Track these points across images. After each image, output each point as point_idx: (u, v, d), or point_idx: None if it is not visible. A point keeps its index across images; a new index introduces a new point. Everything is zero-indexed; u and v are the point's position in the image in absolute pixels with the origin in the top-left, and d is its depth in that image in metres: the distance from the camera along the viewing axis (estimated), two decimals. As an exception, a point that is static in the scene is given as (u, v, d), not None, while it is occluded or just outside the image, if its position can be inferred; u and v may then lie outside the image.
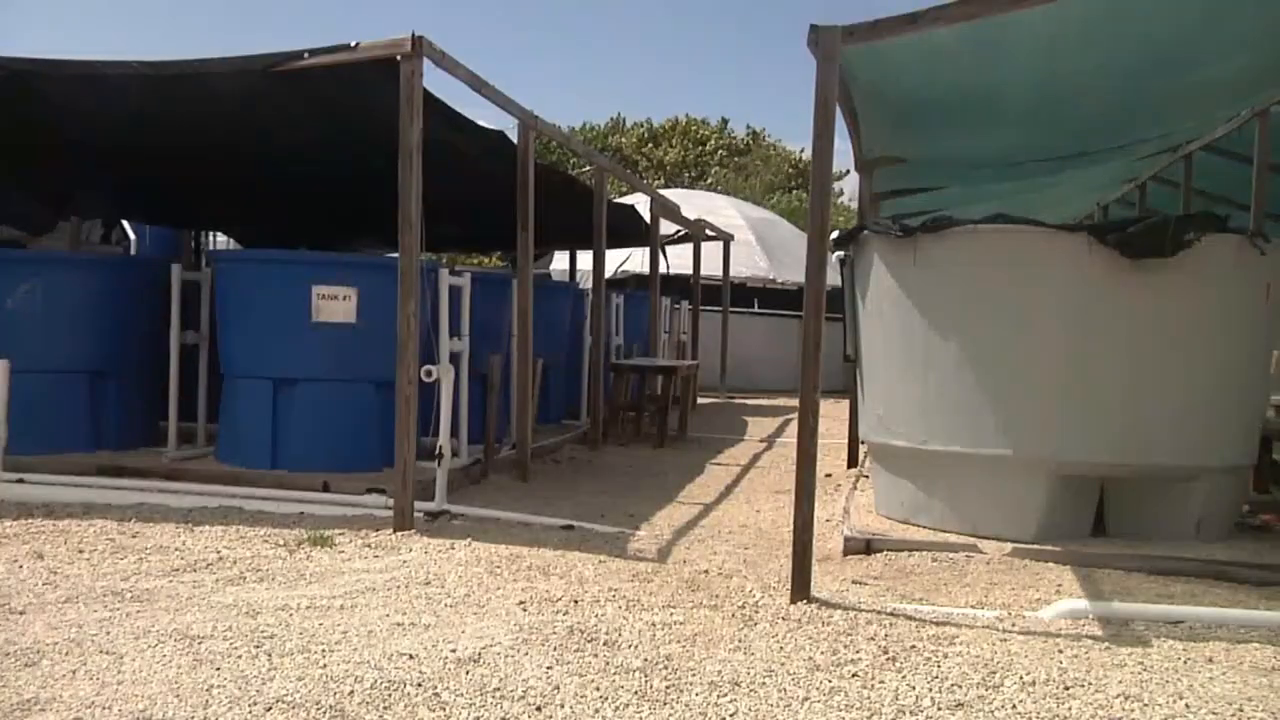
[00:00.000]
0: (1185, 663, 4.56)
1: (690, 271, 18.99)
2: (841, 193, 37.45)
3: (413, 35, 6.97)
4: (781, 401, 18.37)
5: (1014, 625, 5.08)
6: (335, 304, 8.17)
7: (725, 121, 44.81)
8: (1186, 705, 4.01)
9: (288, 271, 8.37)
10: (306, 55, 7.13)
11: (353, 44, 7.06)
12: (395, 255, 7.25)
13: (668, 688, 4.09)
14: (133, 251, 15.56)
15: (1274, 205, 10.44)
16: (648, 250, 15.57)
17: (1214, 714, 3.94)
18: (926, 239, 6.92)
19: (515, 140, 9.23)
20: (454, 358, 8.32)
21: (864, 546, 6.60)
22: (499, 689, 4.03)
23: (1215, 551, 6.39)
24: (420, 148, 7.08)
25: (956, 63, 7.11)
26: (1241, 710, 3.98)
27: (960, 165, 10.64)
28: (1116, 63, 7.49)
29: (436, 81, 7.43)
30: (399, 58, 7.01)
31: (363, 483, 7.82)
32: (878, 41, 5.93)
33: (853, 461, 10.33)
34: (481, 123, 8.80)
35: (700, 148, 42.73)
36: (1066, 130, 9.44)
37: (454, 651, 4.44)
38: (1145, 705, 4.01)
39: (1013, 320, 6.72)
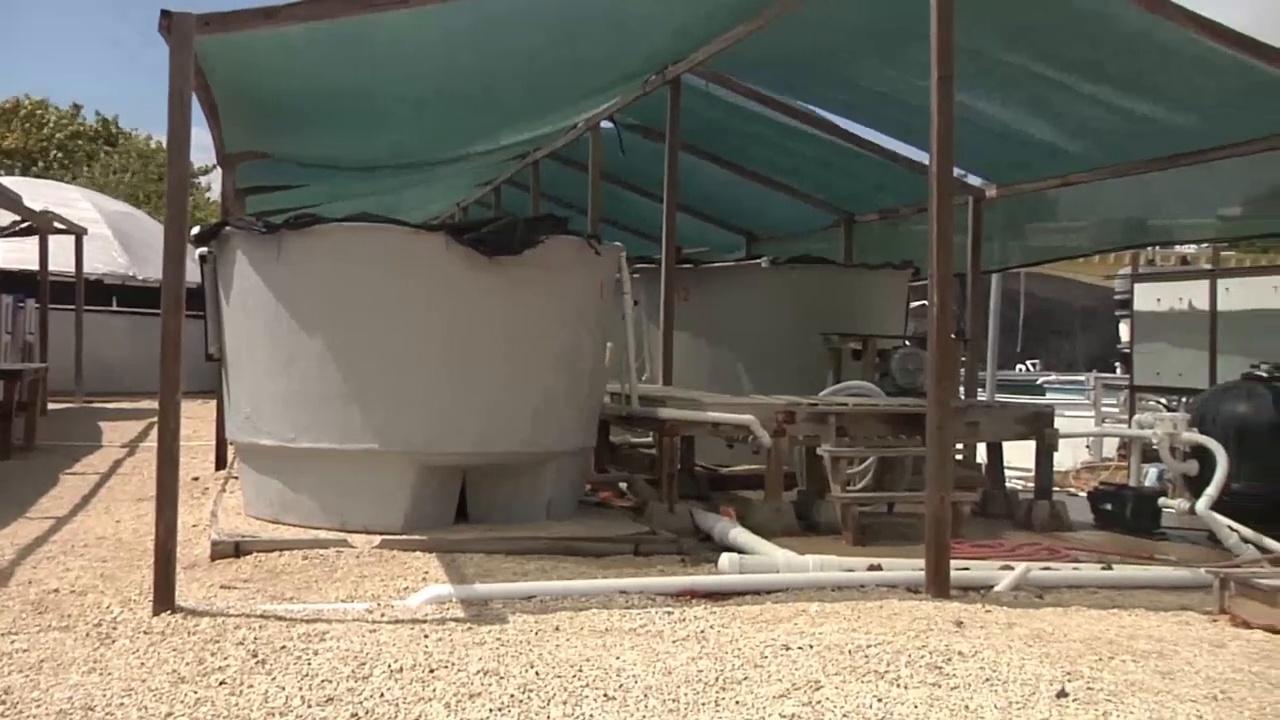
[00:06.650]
0: (537, 634, 4.93)
1: (37, 268, 17.42)
2: (210, 187, 36.08)
3: None
4: (145, 404, 17.35)
5: (383, 616, 5.21)
6: None
7: (78, 108, 41.36)
8: (537, 673, 4.35)
9: None
10: None
11: None
12: None
13: (9, 723, 3.76)
14: None
15: (607, 209, 11.60)
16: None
17: (559, 677, 4.31)
18: (291, 236, 6.88)
19: None
20: None
21: (233, 549, 6.43)
22: None
23: (563, 529, 6.98)
24: None
25: (317, 61, 7.13)
26: (581, 670, 4.38)
27: (327, 164, 10.68)
28: (473, 74, 7.91)
29: None
30: None
31: None
32: (235, 33, 5.81)
33: (221, 463, 10.02)
34: None
35: (39, 132, 39.13)
36: (427, 134, 9.82)
37: None
38: (502, 678, 4.28)
39: (378, 317, 6.87)
